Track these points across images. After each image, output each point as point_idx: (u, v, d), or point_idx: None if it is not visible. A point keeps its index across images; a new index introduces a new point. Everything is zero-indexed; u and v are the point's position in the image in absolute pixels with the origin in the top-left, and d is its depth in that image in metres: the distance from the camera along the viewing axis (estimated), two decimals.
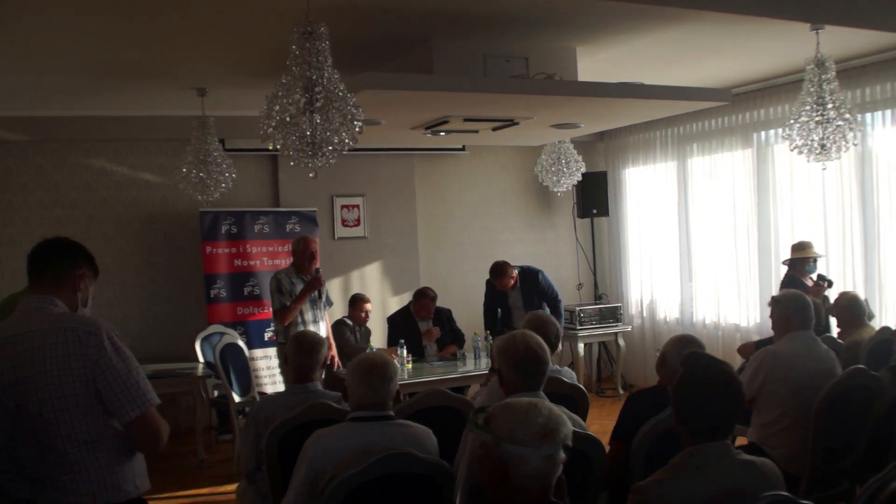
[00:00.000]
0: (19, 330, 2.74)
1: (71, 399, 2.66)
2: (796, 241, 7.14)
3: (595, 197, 9.95)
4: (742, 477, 2.49)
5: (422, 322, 7.51)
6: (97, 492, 2.72)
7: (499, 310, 7.74)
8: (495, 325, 7.74)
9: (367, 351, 4.73)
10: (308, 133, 4.43)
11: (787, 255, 7.06)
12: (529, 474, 2.25)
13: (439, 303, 7.72)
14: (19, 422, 2.68)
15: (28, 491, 2.71)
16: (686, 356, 2.74)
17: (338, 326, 7.29)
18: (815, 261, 6.90)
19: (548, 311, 7.59)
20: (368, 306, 7.52)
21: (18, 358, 2.68)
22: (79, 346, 2.68)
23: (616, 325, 9.42)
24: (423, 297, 7.54)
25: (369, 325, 7.55)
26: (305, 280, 6.59)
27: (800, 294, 4.59)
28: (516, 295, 7.73)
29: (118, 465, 2.78)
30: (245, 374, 7.36)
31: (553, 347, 4.27)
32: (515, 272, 7.66)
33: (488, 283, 7.90)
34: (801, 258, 6.86)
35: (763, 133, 8.30)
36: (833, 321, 6.09)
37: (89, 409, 2.70)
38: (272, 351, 8.17)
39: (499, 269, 7.61)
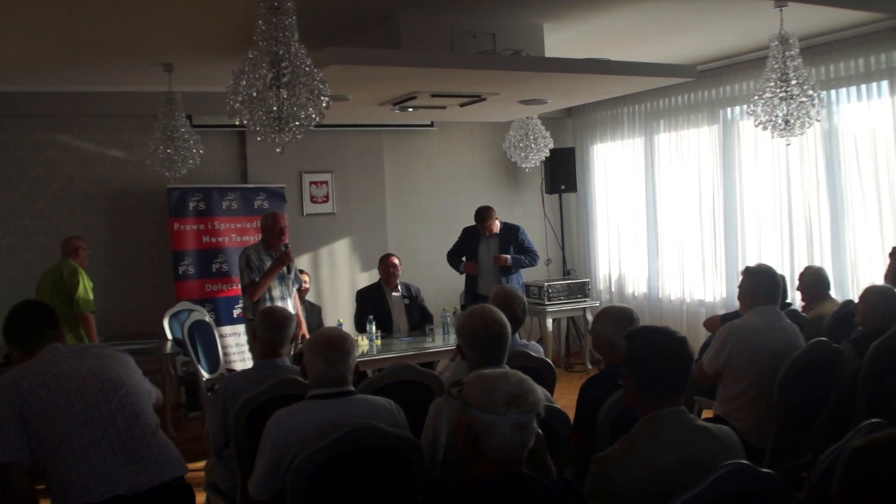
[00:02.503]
0: (83, 351, 3.35)
1: (144, 393, 3.35)
2: None
3: (563, 173, 9.97)
4: (699, 443, 2.54)
5: (391, 293, 7.52)
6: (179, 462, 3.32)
7: (463, 258, 8.09)
8: (459, 265, 8.08)
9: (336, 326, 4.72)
10: (275, 108, 4.42)
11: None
12: (499, 443, 2.27)
13: (409, 279, 7.75)
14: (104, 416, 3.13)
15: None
16: (628, 331, 2.87)
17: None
18: None
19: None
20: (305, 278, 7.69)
21: (96, 362, 3.26)
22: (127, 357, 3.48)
23: (584, 301, 9.43)
24: (386, 259, 7.59)
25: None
26: (274, 256, 6.58)
27: (770, 268, 4.63)
28: (493, 244, 7.95)
29: None
30: (214, 352, 7.33)
31: (519, 322, 4.29)
32: (498, 220, 7.96)
33: (465, 230, 8.16)
34: None
35: (729, 109, 8.37)
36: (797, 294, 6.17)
37: (148, 400, 3.38)
38: (241, 328, 8.14)
39: (485, 212, 7.93)
